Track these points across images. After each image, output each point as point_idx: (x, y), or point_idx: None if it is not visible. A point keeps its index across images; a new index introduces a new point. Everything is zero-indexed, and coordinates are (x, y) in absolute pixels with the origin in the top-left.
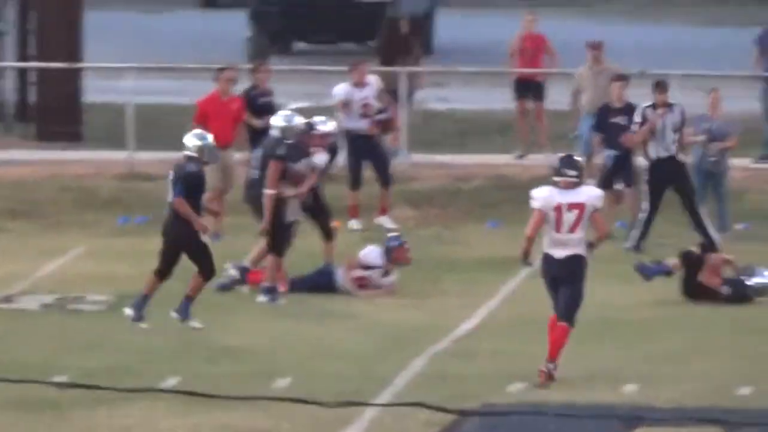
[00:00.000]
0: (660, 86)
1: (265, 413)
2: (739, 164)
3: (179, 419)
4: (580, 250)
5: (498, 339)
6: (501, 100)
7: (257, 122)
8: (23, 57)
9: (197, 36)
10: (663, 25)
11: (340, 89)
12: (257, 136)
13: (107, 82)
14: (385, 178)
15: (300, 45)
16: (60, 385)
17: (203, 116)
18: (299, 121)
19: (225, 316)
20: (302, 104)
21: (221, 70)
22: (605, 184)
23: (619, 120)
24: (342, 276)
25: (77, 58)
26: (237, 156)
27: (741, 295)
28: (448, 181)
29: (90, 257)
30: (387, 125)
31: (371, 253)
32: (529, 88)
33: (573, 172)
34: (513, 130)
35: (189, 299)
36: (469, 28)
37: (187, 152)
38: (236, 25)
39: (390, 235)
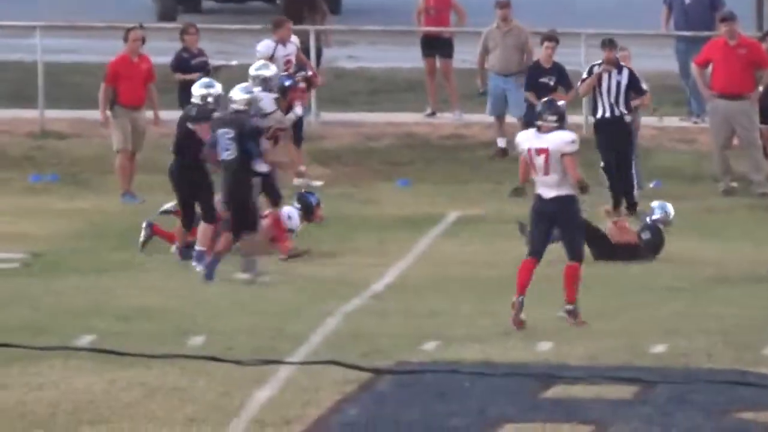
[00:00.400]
0: (607, 44)
1: (181, 371)
2: (647, 122)
3: (94, 377)
4: (565, 191)
5: (411, 297)
6: (410, 58)
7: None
8: None
9: None
10: None
11: (264, 46)
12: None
13: (15, 40)
14: (297, 136)
15: (208, 3)
16: None
17: (114, 77)
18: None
19: (138, 275)
20: (220, 63)
21: (129, 30)
22: None
23: (548, 80)
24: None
25: None
26: (147, 116)
27: (659, 234)
28: (358, 139)
29: (1, 216)
30: (309, 83)
31: (293, 215)
32: (435, 46)
33: (552, 117)
34: (422, 88)
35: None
36: None
37: (237, 106)
38: None
39: (305, 191)
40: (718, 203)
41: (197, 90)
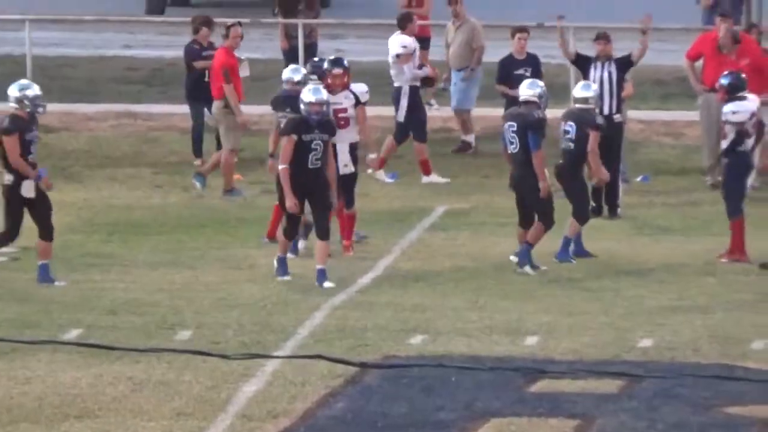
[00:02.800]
0: (601, 38)
1: (168, 365)
2: (634, 116)
3: (81, 371)
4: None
5: (398, 291)
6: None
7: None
8: None
9: None
10: None
11: (406, 41)
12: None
13: (5, 33)
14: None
15: None
16: None
17: (232, 73)
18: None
19: (125, 269)
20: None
21: (230, 26)
22: None
23: (523, 71)
24: None
25: None
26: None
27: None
28: None
29: None
30: (428, 80)
31: None
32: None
33: (525, 95)
34: None
35: (530, 246)
36: None
37: (532, 98)
38: None
39: None
40: (705, 197)
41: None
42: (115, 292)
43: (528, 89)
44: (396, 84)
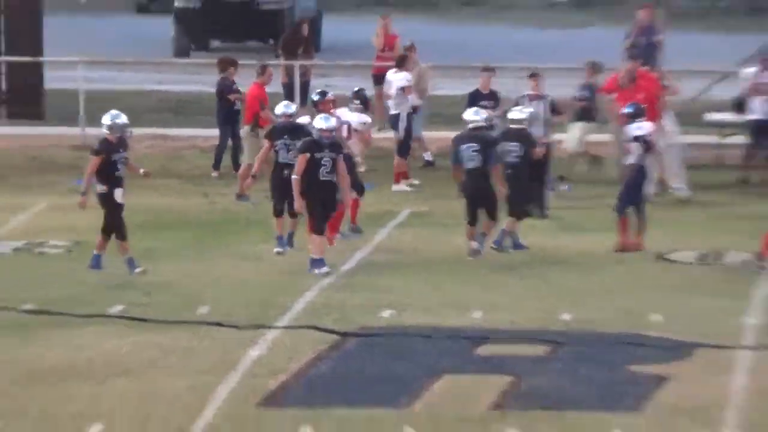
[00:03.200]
0: (534, 76)
1: (191, 334)
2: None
3: (122, 339)
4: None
5: (372, 276)
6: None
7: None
8: None
9: (134, 36)
10: (507, 26)
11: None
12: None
13: (63, 72)
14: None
15: (215, 43)
16: (28, 312)
17: (264, 101)
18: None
19: (156, 259)
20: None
21: (265, 66)
22: None
23: (486, 104)
24: None
25: (39, 53)
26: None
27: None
28: None
29: (50, 211)
30: None
31: None
32: (381, 80)
33: (476, 121)
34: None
35: (485, 235)
36: (348, 29)
37: (481, 123)
38: (164, 27)
39: None
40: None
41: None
42: (149, 277)
43: (475, 116)
44: (394, 111)
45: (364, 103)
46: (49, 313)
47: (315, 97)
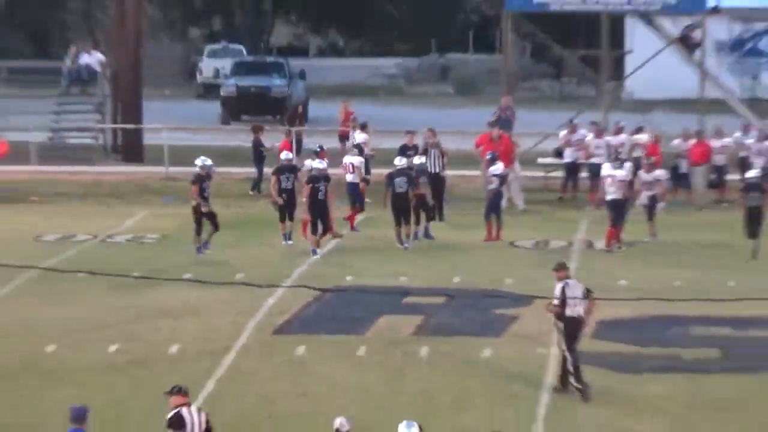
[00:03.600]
0: (429, 131)
1: (232, 290)
2: (450, 173)
3: (188, 294)
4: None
5: (342, 257)
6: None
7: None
8: (114, 120)
9: (196, 113)
10: (418, 107)
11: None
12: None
13: (154, 134)
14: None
15: (245, 117)
16: (135, 277)
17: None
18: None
19: (218, 245)
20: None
21: (290, 131)
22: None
23: (410, 153)
24: None
25: (140, 122)
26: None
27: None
28: None
29: (147, 218)
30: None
31: None
32: (344, 139)
33: (402, 165)
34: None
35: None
36: (324, 108)
37: (405, 165)
38: (214, 108)
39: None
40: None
41: None
42: (207, 258)
43: (400, 161)
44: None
45: (360, 152)
46: (151, 278)
47: (317, 149)
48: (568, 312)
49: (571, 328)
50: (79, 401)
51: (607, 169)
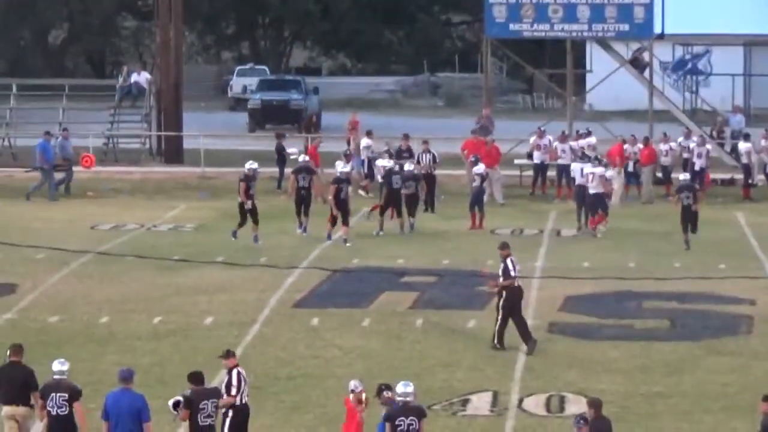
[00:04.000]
0: (424, 142)
1: (258, 270)
2: (443, 172)
3: (221, 275)
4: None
5: (351, 243)
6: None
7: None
8: (159, 128)
9: (228, 122)
10: (412, 117)
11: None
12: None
13: (194, 139)
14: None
15: (268, 126)
16: (177, 260)
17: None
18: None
19: (242, 235)
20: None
21: (314, 138)
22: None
23: (406, 155)
24: None
25: (180, 130)
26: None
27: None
28: None
29: (186, 210)
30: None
31: None
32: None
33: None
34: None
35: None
36: (335, 117)
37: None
38: (243, 118)
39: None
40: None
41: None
42: (237, 244)
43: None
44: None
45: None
46: (186, 260)
47: (346, 152)
48: (517, 283)
49: (514, 298)
50: (127, 364)
51: (588, 168)
